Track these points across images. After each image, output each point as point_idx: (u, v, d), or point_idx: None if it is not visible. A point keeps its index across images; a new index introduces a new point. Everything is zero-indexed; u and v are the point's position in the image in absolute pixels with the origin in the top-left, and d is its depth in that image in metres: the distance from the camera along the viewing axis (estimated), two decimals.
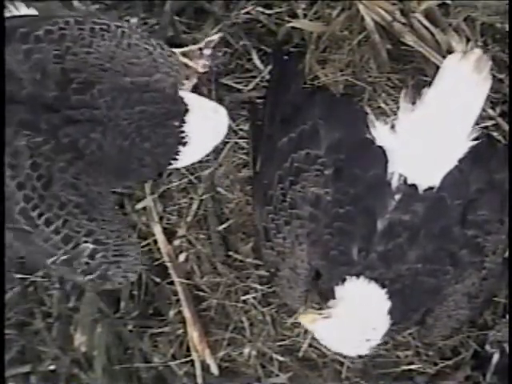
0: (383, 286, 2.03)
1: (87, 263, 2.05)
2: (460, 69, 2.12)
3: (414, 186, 2.03)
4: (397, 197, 2.03)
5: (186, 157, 2.19)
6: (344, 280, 2.05)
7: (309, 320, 2.08)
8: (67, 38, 2.02)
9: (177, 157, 2.15)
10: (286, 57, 2.41)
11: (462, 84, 2.11)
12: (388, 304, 2.04)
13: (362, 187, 2.03)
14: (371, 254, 2.02)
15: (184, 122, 2.11)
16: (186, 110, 2.12)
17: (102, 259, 2.06)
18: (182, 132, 2.10)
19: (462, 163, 2.06)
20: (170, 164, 2.18)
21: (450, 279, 2.06)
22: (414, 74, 2.54)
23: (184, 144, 2.13)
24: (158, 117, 2.07)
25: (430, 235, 2.02)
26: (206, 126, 2.18)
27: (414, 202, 2.02)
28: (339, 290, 2.08)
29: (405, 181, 2.03)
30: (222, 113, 2.24)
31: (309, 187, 2.05)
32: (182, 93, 2.18)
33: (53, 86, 1.96)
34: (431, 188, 2.04)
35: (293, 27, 2.60)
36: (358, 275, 2.03)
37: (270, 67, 2.55)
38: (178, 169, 2.53)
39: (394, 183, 2.05)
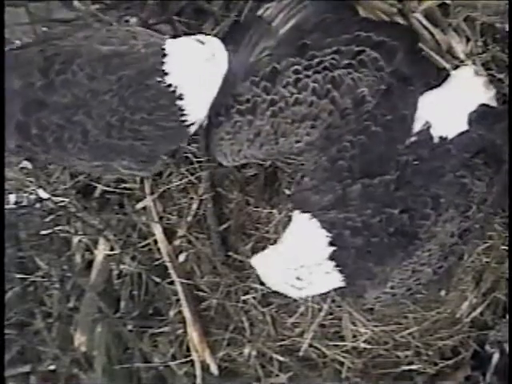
0: (330, 230, 2.00)
1: None
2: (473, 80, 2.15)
3: (427, 132, 2.04)
4: (412, 139, 2.04)
5: (195, 108, 2.07)
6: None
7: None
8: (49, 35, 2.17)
9: (184, 113, 2.04)
10: None
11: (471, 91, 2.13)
12: (329, 249, 2.00)
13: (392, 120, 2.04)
14: (354, 186, 2.00)
15: (166, 74, 2.01)
16: (164, 55, 2.00)
17: None
18: (169, 86, 2.00)
19: (473, 126, 2.05)
20: (183, 123, 2.07)
21: (429, 227, 2.01)
22: None
23: (180, 98, 2.03)
24: (135, 79, 2.00)
25: (420, 174, 2.01)
26: (195, 66, 2.04)
27: (423, 148, 2.02)
28: (294, 217, 2.09)
29: (428, 127, 2.04)
30: (210, 43, 2.07)
31: (363, 83, 2.04)
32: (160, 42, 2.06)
33: (38, 75, 2.03)
34: (444, 139, 2.04)
35: None
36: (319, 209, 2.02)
37: None
38: (178, 168, 2.53)
39: (417, 127, 2.05)
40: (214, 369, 2.54)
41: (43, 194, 2.62)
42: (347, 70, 2.05)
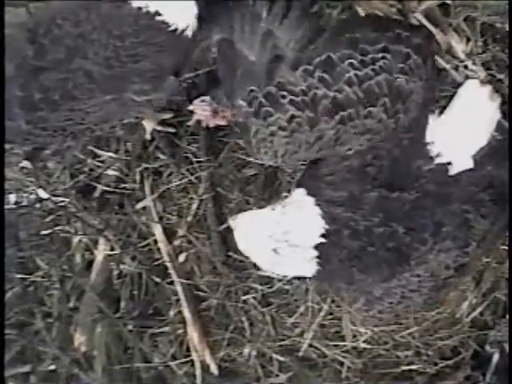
0: (330, 223, 1.96)
1: None
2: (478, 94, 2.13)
3: (445, 165, 2.02)
4: (431, 166, 2.03)
5: (178, 17, 2.05)
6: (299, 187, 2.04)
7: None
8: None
9: (169, 25, 2.04)
10: None
11: (478, 106, 2.11)
12: (320, 239, 1.96)
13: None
14: (372, 193, 1.99)
15: (129, 3, 2.02)
16: None
17: None
18: (140, 8, 2.02)
19: (483, 161, 2.04)
20: (176, 32, 2.06)
21: (423, 253, 1.99)
22: None
23: (158, 14, 2.03)
24: (111, 12, 2.04)
25: (428, 197, 1.99)
26: None
27: (438, 177, 2.01)
28: (294, 193, 2.05)
29: (449, 163, 2.03)
30: None
31: (418, 96, 2.00)
32: None
33: (28, 46, 2.03)
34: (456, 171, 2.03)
35: None
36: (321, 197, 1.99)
37: None
38: (178, 168, 2.53)
39: (435, 156, 2.04)
40: (213, 369, 2.54)
41: (43, 194, 2.62)
42: (405, 77, 1.97)
